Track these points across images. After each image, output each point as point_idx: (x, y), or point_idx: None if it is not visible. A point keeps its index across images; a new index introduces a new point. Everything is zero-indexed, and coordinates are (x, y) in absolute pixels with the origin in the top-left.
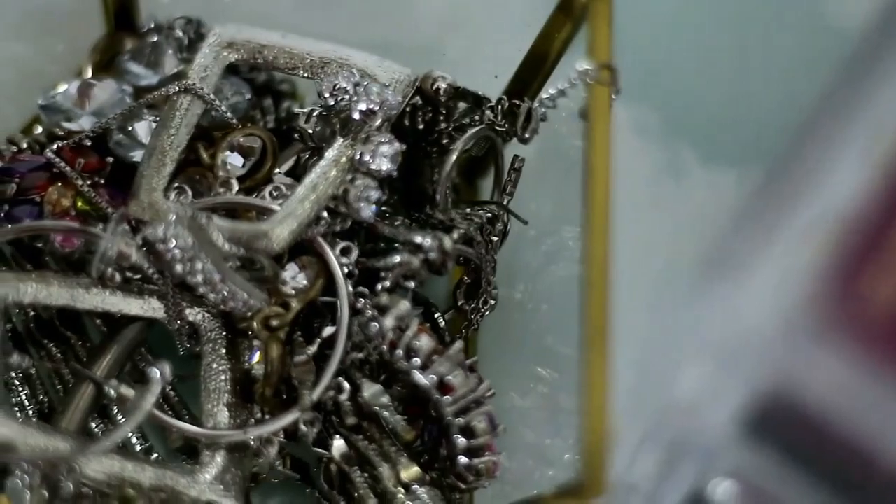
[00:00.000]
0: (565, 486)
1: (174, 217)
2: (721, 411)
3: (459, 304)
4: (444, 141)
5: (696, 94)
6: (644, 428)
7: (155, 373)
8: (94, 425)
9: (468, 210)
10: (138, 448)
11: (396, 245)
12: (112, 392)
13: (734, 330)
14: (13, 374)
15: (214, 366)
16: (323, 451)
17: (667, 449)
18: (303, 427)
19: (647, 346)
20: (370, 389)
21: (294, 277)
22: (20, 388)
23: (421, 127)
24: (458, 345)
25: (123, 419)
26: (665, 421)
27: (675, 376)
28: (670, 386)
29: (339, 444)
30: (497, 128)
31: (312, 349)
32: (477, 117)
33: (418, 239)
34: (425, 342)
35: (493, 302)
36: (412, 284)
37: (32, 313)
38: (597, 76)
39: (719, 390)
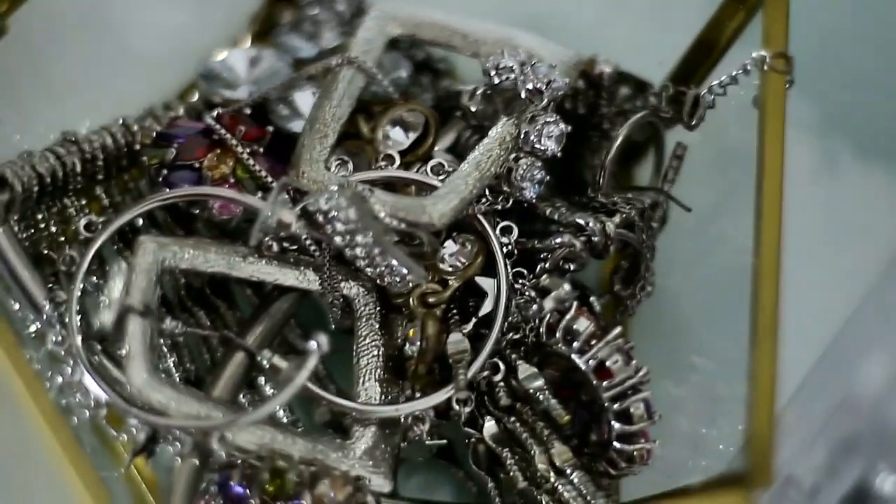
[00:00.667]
0: (729, 475)
1: (337, 188)
2: None
3: (615, 289)
4: (606, 126)
5: (858, 90)
6: (812, 421)
7: (313, 344)
8: (241, 397)
9: (629, 195)
10: (285, 421)
11: (558, 227)
12: (265, 362)
13: None
14: (161, 341)
15: (368, 341)
16: (473, 432)
17: (836, 442)
18: (455, 406)
19: (819, 340)
20: (526, 371)
21: (452, 255)
22: (168, 356)
23: (582, 111)
24: (618, 329)
25: (275, 391)
26: (838, 415)
27: (853, 371)
28: (846, 380)
29: (490, 425)
30: (661, 114)
31: (468, 328)
32: (639, 103)
33: (581, 221)
34: (585, 325)
35: (650, 288)
36: (572, 267)
37: (183, 280)
38: (773, 64)
39: None
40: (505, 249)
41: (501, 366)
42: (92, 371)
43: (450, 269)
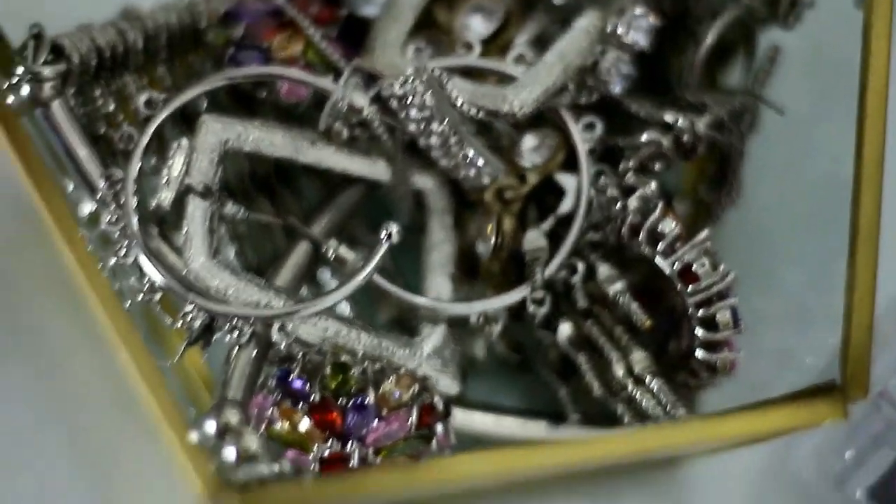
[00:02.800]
0: (821, 384)
1: (413, 72)
2: None
3: (701, 194)
4: (695, 25)
5: None
6: None
7: (384, 231)
8: (304, 290)
9: (719, 96)
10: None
11: (643, 125)
12: (331, 252)
13: None
14: (224, 230)
15: (439, 236)
16: (548, 334)
17: None
18: (531, 306)
19: None
20: (606, 272)
21: (532, 149)
22: (230, 245)
23: (671, 8)
24: (706, 232)
25: (340, 283)
26: None
27: None
28: None
29: (565, 328)
30: (755, 13)
31: (546, 225)
32: (731, 0)
33: (670, 118)
34: (671, 226)
35: (736, 196)
36: (658, 167)
37: (248, 168)
38: None
39: None
40: (587, 146)
41: (580, 266)
42: (148, 252)
43: (528, 165)
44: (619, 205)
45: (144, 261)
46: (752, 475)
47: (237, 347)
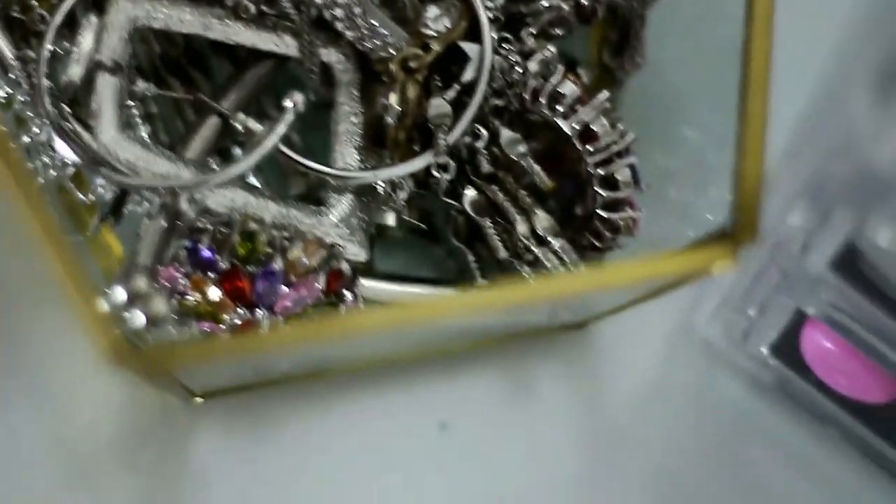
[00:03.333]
0: (714, 233)
1: None
2: (889, 147)
3: (604, 60)
4: None
5: None
6: (801, 175)
7: (287, 101)
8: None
9: None
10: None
11: None
12: (239, 125)
13: None
14: (135, 111)
15: (347, 108)
16: (454, 203)
17: (826, 194)
18: (435, 173)
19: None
20: (508, 136)
21: (435, 18)
22: (141, 124)
23: None
24: (604, 94)
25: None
26: (826, 165)
27: (839, 118)
28: (833, 129)
29: (470, 194)
30: None
31: (451, 94)
32: None
33: None
34: (570, 89)
35: (639, 60)
36: (560, 32)
37: (159, 50)
38: None
39: (890, 122)
40: (491, 14)
41: (484, 132)
42: (59, 129)
43: (433, 34)
44: (520, 70)
45: (56, 138)
46: (660, 338)
47: (146, 219)
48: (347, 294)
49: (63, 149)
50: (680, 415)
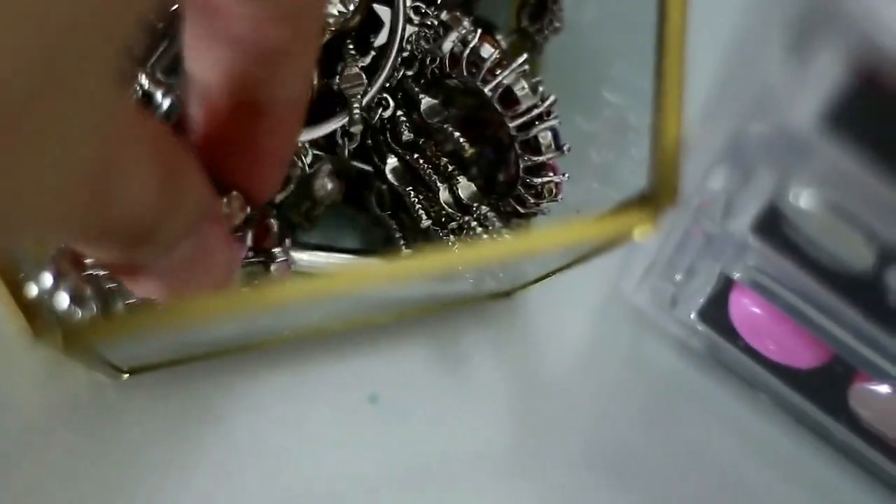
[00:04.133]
0: (634, 197)
1: None
2: (805, 105)
3: (522, 25)
4: None
5: None
6: (720, 136)
7: None
8: None
9: None
10: None
11: None
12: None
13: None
14: None
15: None
16: (364, 166)
17: (744, 156)
18: (339, 140)
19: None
20: (428, 103)
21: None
22: None
23: None
24: (524, 57)
25: None
26: (743, 125)
27: (758, 70)
28: (750, 87)
29: (391, 162)
30: None
31: (365, 61)
32: None
33: None
34: (490, 52)
35: (558, 25)
36: None
37: None
38: None
39: (805, 80)
40: None
41: (391, 101)
42: None
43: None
44: (436, 38)
45: None
46: (588, 306)
47: None
48: (278, 253)
49: None
50: (611, 381)
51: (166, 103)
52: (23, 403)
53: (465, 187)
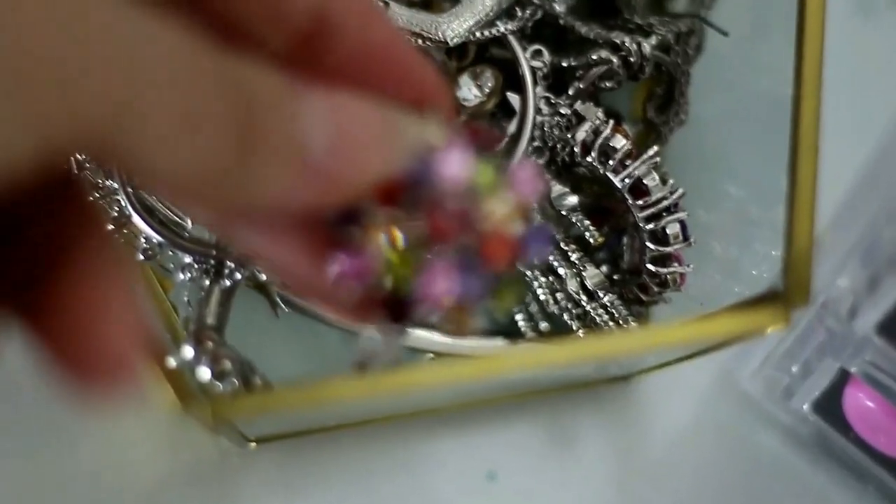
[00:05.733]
0: (765, 293)
1: None
2: None
3: (649, 116)
4: None
5: None
6: (851, 239)
7: None
8: None
9: (665, 18)
10: None
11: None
12: None
13: None
14: None
15: None
16: None
17: (875, 260)
18: None
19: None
20: (558, 191)
21: (468, 88)
22: None
23: None
24: (655, 149)
25: None
26: (876, 230)
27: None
28: (885, 195)
29: None
30: None
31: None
32: None
33: (617, 40)
34: (622, 143)
35: (683, 116)
36: (608, 85)
37: None
38: None
39: None
40: (539, 73)
41: None
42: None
43: (463, 105)
44: (568, 126)
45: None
46: (701, 391)
47: (208, 283)
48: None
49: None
50: (717, 466)
51: None
52: (149, 466)
53: (593, 275)
